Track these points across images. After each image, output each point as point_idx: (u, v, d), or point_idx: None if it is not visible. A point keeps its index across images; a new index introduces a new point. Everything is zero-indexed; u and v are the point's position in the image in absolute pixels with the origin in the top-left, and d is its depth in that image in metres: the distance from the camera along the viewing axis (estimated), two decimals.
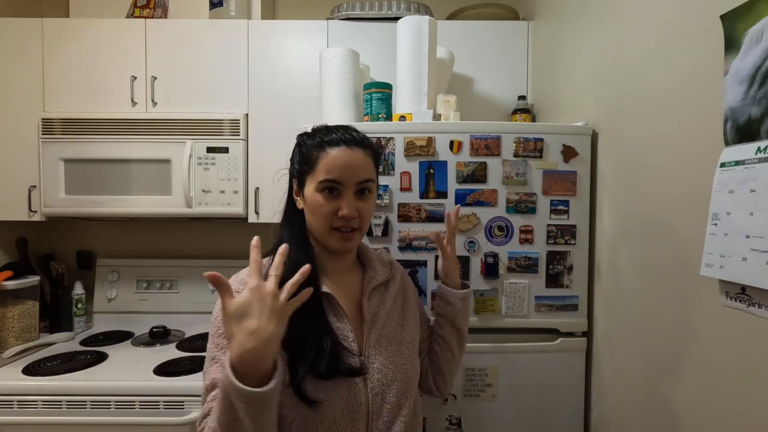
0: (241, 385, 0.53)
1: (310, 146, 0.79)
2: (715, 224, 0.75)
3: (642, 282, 1.01)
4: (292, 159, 0.85)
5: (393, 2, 1.68)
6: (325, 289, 0.78)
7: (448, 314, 0.96)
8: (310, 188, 0.78)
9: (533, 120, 1.64)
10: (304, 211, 0.81)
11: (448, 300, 0.96)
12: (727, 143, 0.74)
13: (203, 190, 1.61)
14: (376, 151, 0.83)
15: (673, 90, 0.89)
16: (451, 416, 1.23)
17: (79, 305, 1.81)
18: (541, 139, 1.21)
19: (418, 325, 0.92)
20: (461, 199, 1.22)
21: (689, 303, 0.85)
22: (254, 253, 0.60)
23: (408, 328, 0.87)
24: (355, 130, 0.82)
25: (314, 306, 0.73)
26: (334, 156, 0.76)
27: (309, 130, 0.84)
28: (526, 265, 1.22)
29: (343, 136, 0.79)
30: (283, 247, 0.62)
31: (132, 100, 1.66)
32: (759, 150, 0.67)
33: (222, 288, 0.57)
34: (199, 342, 1.64)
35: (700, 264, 0.78)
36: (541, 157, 1.22)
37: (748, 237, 0.68)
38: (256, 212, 1.66)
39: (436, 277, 1.12)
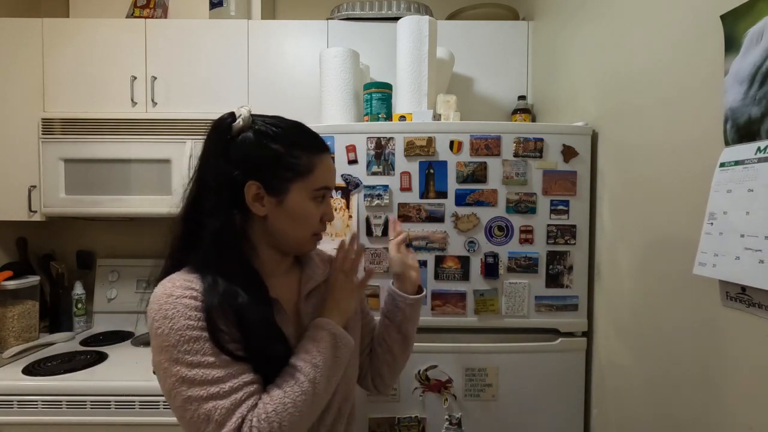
0: (350, 337, 0.73)
1: (297, 149, 0.71)
2: (711, 224, 0.75)
3: (642, 282, 1.01)
4: (247, 158, 0.69)
5: (393, 2, 1.68)
6: (273, 295, 0.72)
7: (395, 319, 0.89)
8: (298, 195, 0.71)
9: (533, 120, 1.64)
10: (266, 218, 0.71)
11: (397, 304, 0.89)
12: (727, 143, 0.74)
13: None
14: None
15: (673, 90, 0.89)
16: (451, 416, 1.23)
17: (79, 305, 1.81)
18: (541, 139, 1.21)
19: (359, 323, 0.87)
20: (461, 199, 1.22)
21: (689, 303, 0.85)
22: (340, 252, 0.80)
23: (348, 327, 0.80)
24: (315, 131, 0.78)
25: (269, 312, 0.69)
26: (328, 163, 0.74)
27: (245, 116, 0.70)
28: (526, 265, 1.22)
29: (322, 140, 0.76)
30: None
31: (132, 100, 1.66)
32: (759, 150, 0.67)
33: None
34: None
35: None
36: (541, 157, 1.22)
37: (742, 236, 0.68)
38: None
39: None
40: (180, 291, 0.64)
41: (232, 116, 0.70)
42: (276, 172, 0.70)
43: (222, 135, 0.70)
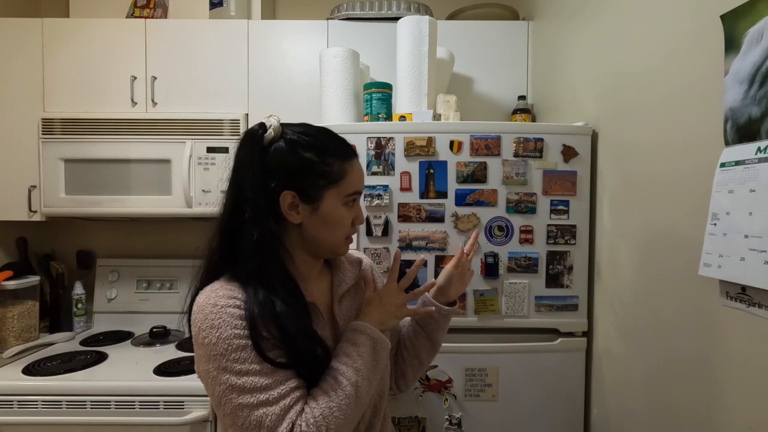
0: (387, 340, 0.74)
1: (329, 156, 0.72)
2: (715, 224, 0.75)
3: (642, 282, 1.01)
4: (281, 168, 0.71)
5: (393, 2, 1.68)
6: (309, 298, 0.74)
7: (427, 326, 0.91)
8: (332, 201, 0.72)
9: (533, 120, 1.64)
10: (300, 225, 0.72)
11: (431, 313, 0.90)
12: (727, 143, 0.74)
13: (203, 190, 1.61)
14: None
15: (673, 90, 0.89)
16: (451, 416, 1.23)
17: (79, 305, 1.81)
18: (541, 139, 1.21)
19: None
20: (461, 199, 1.22)
21: (689, 303, 0.85)
22: (396, 264, 0.84)
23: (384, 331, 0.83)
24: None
25: (306, 318, 0.70)
26: (358, 168, 0.76)
27: (275, 126, 0.71)
28: (526, 265, 1.22)
29: (351, 145, 0.77)
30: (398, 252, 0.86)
31: (132, 100, 1.66)
32: (759, 150, 0.67)
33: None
34: None
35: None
36: (541, 157, 1.22)
37: (746, 237, 0.68)
38: None
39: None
40: (224, 300, 0.65)
41: (262, 127, 0.71)
42: (310, 180, 0.71)
43: (255, 146, 0.71)
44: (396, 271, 0.83)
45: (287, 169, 0.71)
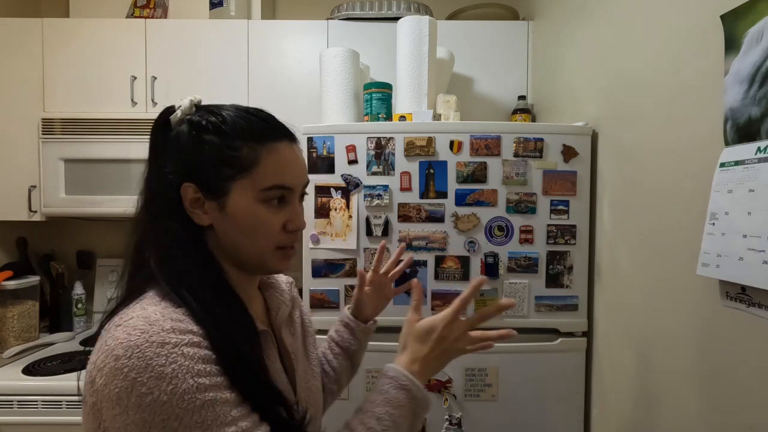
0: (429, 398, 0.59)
1: (237, 139, 0.55)
2: (713, 224, 0.75)
3: (642, 282, 1.01)
4: (180, 155, 0.56)
5: (393, 2, 1.68)
6: (261, 326, 0.59)
7: (348, 347, 0.81)
8: (242, 197, 0.55)
9: (533, 120, 1.64)
10: (213, 227, 0.57)
11: (354, 331, 0.82)
12: (727, 143, 0.74)
13: None
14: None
15: (673, 90, 0.89)
16: (451, 416, 1.23)
17: (79, 305, 1.81)
18: (541, 139, 1.21)
19: (317, 348, 0.79)
20: (461, 199, 1.22)
21: (689, 303, 0.85)
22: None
23: (312, 351, 0.75)
24: (273, 116, 0.60)
25: (256, 352, 0.56)
26: (283, 154, 0.57)
27: (184, 107, 0.58)
28: (526, 265, 1.22)
29: (279, 125, 0.59)
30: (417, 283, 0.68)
31: (132, 100, 1.66)
32: (759, 150, 0.67)
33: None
34: None
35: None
36: (541, 157, 1.22)
37: (745, 237, 0.68)
38: None
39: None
40: (176, 337, 0.47)
41: (172, 108, 0.59)
42: (211, 168, 0.55)
43: (160, 131, 0.58)
44: (466, 300, 0.65)
45: (185, 156, 0.56)
